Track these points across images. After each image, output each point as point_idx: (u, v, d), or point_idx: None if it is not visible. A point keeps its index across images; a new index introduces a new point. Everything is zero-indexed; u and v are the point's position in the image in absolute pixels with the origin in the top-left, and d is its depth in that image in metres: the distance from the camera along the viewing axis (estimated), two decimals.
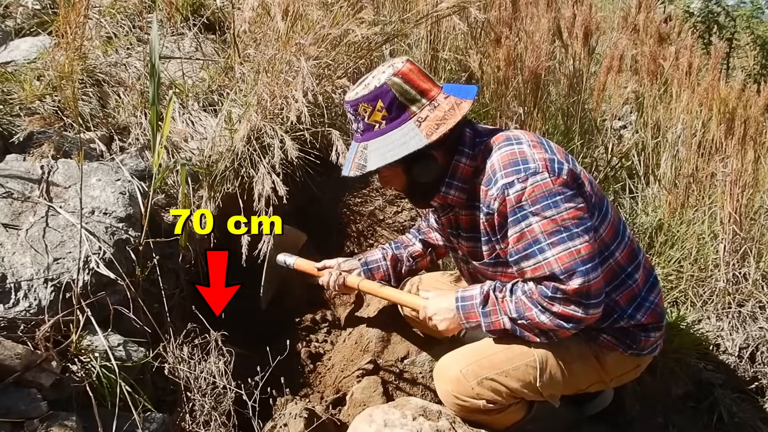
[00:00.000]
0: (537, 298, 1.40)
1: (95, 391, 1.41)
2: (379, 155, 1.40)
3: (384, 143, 1.40)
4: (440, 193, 1.51)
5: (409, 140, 1.38)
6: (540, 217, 1.35)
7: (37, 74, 2.05)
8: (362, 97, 1.40)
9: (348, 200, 2.40)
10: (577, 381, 1.56)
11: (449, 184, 1.49)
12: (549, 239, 1.35)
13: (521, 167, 1.37)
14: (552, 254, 1.35)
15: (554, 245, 1.35)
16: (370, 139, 1.42)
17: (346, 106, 1.46)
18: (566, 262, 1.35)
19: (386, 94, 1.38)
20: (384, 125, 1.41)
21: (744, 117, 2.61)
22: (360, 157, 1.44)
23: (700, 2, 6.23)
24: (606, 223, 1.50)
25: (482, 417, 1.57)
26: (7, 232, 1.54)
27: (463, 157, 1.47)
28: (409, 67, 1.41)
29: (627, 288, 1.53)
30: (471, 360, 1.53)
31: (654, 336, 1.56)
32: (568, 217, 1.35)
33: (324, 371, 2.02)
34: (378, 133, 1.41)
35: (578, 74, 2.77)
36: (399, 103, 1.39)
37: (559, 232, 1.35)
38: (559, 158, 1.41)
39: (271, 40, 2.08)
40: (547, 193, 1.35)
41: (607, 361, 1.56)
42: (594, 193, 1.47)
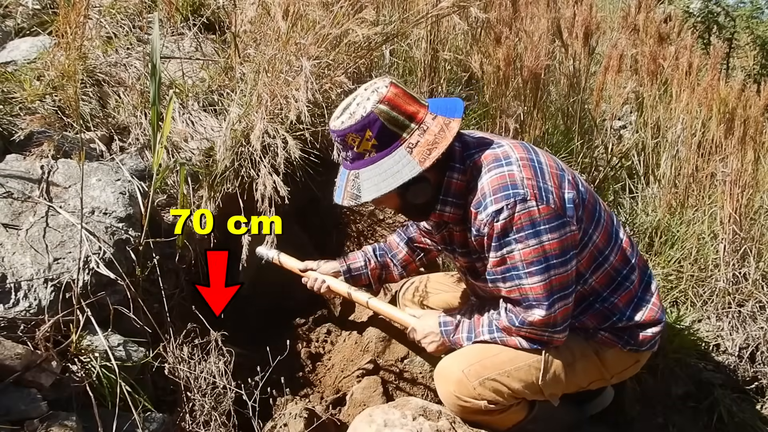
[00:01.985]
0: (505, 327, 1.50)
1: (95, 391, 1.41)
2: (372, 185, 1.38)
3: (376, 172, 1.38)
4: (435, 211, 1.49)
5: (402, 168, 1.36)
6: (523, 245, 1.37)
7: (37, 74, 2.04)
8: (349, 127, 1.36)
9: None
10: (578, 379, 1.57)
11: (444, 201, 1.47)
12: (527, 268, 1.38)
13: (510, 192, 1.36)
14: (528, 283, 1.39)
15: (531, 275, 1.38)
16: (361, 168, 1.40)
17: (332, 135, 1.43)
18: (539, 292, 1.39)
19: (374, 123, 1.35)
20: (374, 153, 1.38)
21: (744, 117, 2.61)
22: (352, 186, 1.42)
23: (699, 2, 6.23)
24: (599, 229, 1.50)
25: (483, 418, 1.57)
26: (7, 232, 1.54)
27: (455, 173, 1.45)
28: (394, 91, 1.37)
29: (625, 290, 1.54)
30: (473, 360, 1.53)
31: (652, 332, 1.56)
32: (549, 247, 1.37)
33: (324, 371, 2.02)
34: (369, 161, 1.39)
35: (578, 74, 2.77)
36: (388, 131, 1.36)
37: (539, 262, 1.37)
38: (548, 184, 1.39)
39: (272, 40, 2.08)
40: (533, 222, 1.35)
41: (607, 358, 1.56)
42: (584, 202, 1.47)
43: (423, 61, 2.45)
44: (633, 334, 1.55)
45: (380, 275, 1.89)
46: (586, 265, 1.50)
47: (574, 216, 1.42)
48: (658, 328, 1.57)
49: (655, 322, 1.56)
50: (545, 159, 1.46)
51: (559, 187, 1.42)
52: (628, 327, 1.54)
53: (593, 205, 1.51)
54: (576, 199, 1.44)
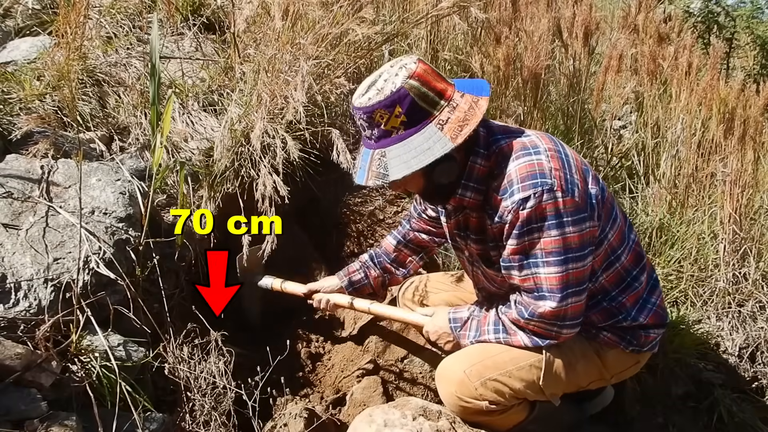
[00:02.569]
0: (514, 319, 1.48)
1: (95, 391, 1.41)
2: (401, 163, 1.33)
3: (405, 150, 1.33)
4: (456, 195, 1.47)
5: (433, 145, 1.32)
6: (545, 235, 1.35)
7: (37, 74, 2.04)
8: (377, 103, 1.32)
9: (348, 200, 2.40)
10: (579, 379, 1.57)
11: (465, 186, 1.45)
12: (546, 258, 1.37)
13: (538, 181, 1.34)
14: (544, 272, 1.38)
15: (549, 265, 1.37)
16: (388, 146, 1.35)
17: (357, 113, 1.37)
18: (554, 284, 1.38)
19: (404, 99, 1.31)
20: (402, 131, 1.34)
21: (744, 117, 2.61)
22: (378, 165, 1.36)
23: (699, 2, 6.23)
24: (615, 228, 1.50)
25: (484, 418, 1.56)
26: (7, 232, 1.54)
27: (478, 158, 1.43)
28: (423, 67, 1.34)
29: (633, 290, 1.54)
30: (474, 361, 1.53)
31: (654, 333, 1.57)
32: (570, 240, 1.35)
33: (324, 371, 2.02)
34: (397, 139, 1.34)
35: (578, 74, 2.77)
36: (418, 108, 1.32)
37: (558, 253, 1.36)
38: (574, 177, 1.39)
39: (271, 40, 2.08)
40: (557, 213, 1.34)
41: (607, 358, 1.57)
42: (604, 200, 1.47)
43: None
44: (635, 335, 1.55)
45: (383, 281, 1.89)
46: (599, 263, 1.49)
47: (595, 212, 1.42)
48: (661, 330, 1.58)
49: (659, 325, 1.57)
50: (571, 153, 1.46)
51: (584, 181, 1.42)
52: (632, 327, 1.54)
53: (611, 203, 1.51)
54: (598, 195, 1.44)
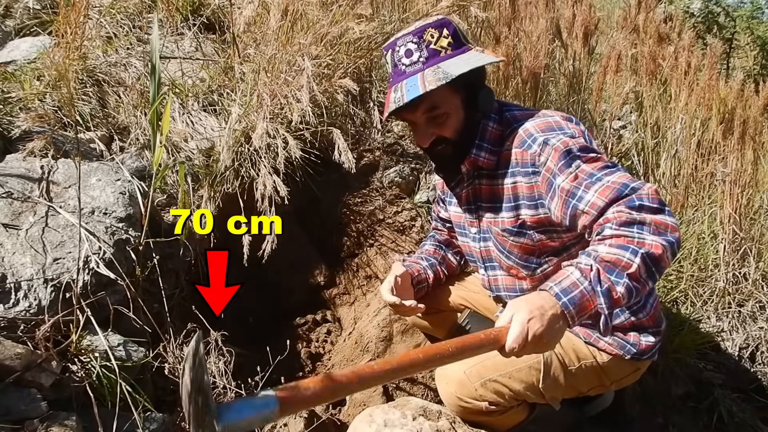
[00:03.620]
0: (627, 216, 1.16)
1: (95, 391, 1.41)
2: (462, 63, 1.39)
3: (460, 60, 1.40)
4: (471, 155, 1.50)
5: (483, 57, 1.42)
6: (587, 160, 1.32)
7: (37, 74, 2.04)
8: (427, 24, 1.42)
9: (348, 200, 2.40)
10: (578, 384, 1.56)
11: (479, 146, 1.49)
12: (602, 171, 1.28)
13: (558, 131, 1.39)
14: (611, 178, 1.26)
15: (609, 174, 1.27)
16: (440, 62, 1.41)
17: (402, 39, 1.44)
18: (626, 180, 1.24)
19: (449, 25, 1.43)
20: (450, 51, 1.42)
21: (743, 117, 2.61)
22: (434, 74, 1.37)
23: (699, 2, 6.23)
24: None
25: (484, 418, 1.56)
26: (7, 232, 1.54)
27: (490, 122, 1.49)
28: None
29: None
30: (475, 361, 1.53)
31: (653, 340, 1.55)
32: (609, 162, 1.34)
33: (324, 371, 2.02)
34: (447, 57, 1.41)
35: (578, 74, 2.77)
36: (461, 36, 1.44)
37: (608, 167, 1.30)
38: (586, 134, 1.43)
39: (271, 40, 2.08)
40: (587, 147, 1.35)
41: (607, 365, 1.56)
42: None
43: None
44: (635, 343, 1.54)
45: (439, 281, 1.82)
46: None
47: None
48: (659, 337, 1.56)
49: (656, 330, 1.55)
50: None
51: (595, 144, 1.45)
52: (630, 329, 1.54)
53: None
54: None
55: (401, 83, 1.42)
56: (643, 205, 1.17)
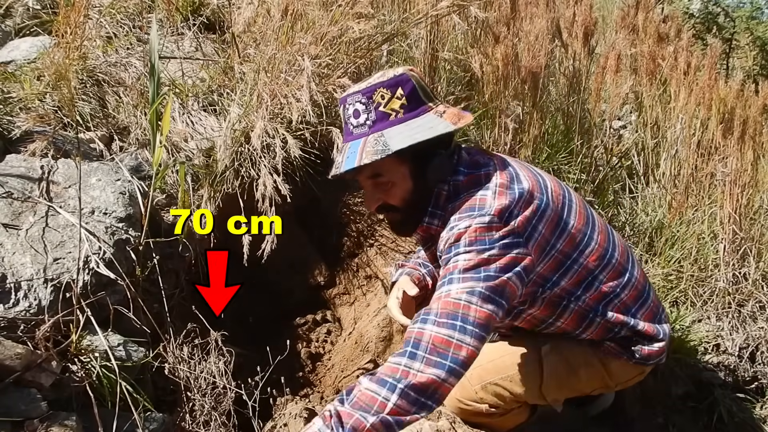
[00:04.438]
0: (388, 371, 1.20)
1: (95, 391, 1.41)
2: (405, 136, 1.29)
3: (405, 129, 1.31)
4: (423, 223, 1.41)
5: (435, 125, 1.31)
6: (470, 254, 1.26)
7: (37, 74, 2.04)
8: (380, 83, 1.31)
9: (348, 200, 2.40)
10: (581, 386, 1.55)
11: (432, 213, 1.40)
12: (463, 274, 1.26)
13: (475, 212, 1.30)
14: (455, 288, 1.25)
15: (465, 281, 1.25)
16: (386, 128, 1.31)
17: (352, 98, 1.34)
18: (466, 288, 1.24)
19: (406, 83, 1.32)
20: (402, 114, 1.32)
21: (743, 117, 2.61)
22: (376, 143, 1.30)
23: (699, 3, 6.24)
24: (590, 249, 1.43)
25: (485, 420, 1.56)
26: (7, 232, 1.54)
27: (445, 185, 1.39)
28: (418, 71, 1.38)
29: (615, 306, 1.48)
30: (475, 364, 1.53)
31: (658, 347, 1.51)
32: (493, 260, 1.26)
33: (324, 371, 2.02)
34: (396, 121, 1.32)
35: (578, 74, 2.77)
36: (418, 95, 1.33)
37: (477, 271, 1.25)
38: (516, 210, 1.31)
39: (271, 40, 2.08)
40: (487, 238, 1.27)
41: (612, 368, 1.53)
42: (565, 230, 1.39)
43: (423, 61, 2.45)
44: (639, 350, 1.51)
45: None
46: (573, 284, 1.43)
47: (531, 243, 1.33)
48: (664, 343, 1.52)
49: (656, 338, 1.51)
50: (529, 187, 1.36)
51: (537, 216, 1.34)
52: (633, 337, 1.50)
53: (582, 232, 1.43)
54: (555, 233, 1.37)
55: (346, 145, 1.37)
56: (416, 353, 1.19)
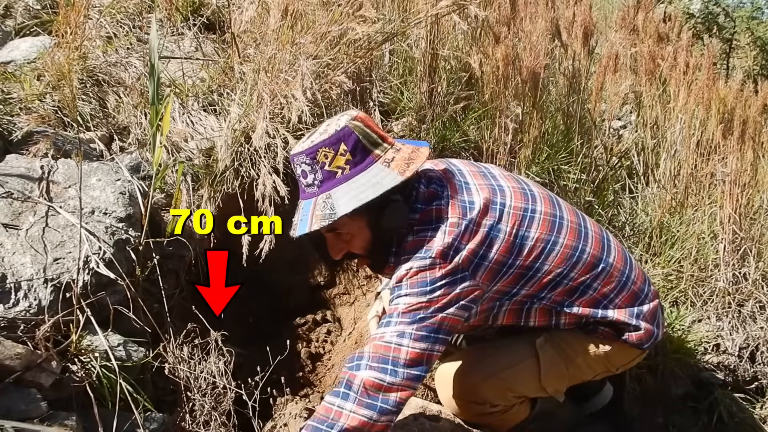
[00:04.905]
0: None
1: (95, 391, 1.41)
2: (350, 198, 1.29)
3: (352, 187, 1.30)
4: (390, 263, 1.41)
5: (381, 179, 1.29)
6: (409, 298, 1.29)
7: (37, 74, 2.04)
8: (321, 142, 1.30)
9: None
10: (582, 373, 1.56)
11: (397, 252, 1.39)
12: (399, 318, 1.29)
13: (420, 254, 1.31)
14: (389, 330, 1.29)
15: (399, 324, 1.29)
16: (333, 188, 1.31)
17: (298, 159, 1.34)
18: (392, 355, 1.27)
19: (349, 137, 1.31)
20: (348, 170, 1.31)
21: (743, 117, 2.62)
22: (324, 207, 1.31)
23: (699, 3, 6.24)
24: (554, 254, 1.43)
25: (485, 419, 1.57)
26: (7, 232, 1.54)
27: (404, 225, 1.38)
28: (364, 115, 1.36)
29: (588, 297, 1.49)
30: (473, 363, 1.53)
31: (644, 328, 1.50)
32: (433, 302, 1.29)
33: (324, 371, 2.02)
34: (342, 179, 1.31)
35: (578, 74, 2.77)
36: (363, 146, 1.32)
37: (414, 315, 1.28)
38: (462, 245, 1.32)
39: (271, 40, 2.08)
40: (429, 279, 1.29)
41: (609, 352, 1.54)
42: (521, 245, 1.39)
43: (423, 61, 2.45)
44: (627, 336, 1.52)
45: None
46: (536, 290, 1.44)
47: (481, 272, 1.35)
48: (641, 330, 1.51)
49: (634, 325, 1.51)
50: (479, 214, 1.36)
51: (484, 245, 1.35)
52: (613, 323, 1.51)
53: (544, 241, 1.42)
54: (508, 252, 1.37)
55: (300, 203, 1.39)
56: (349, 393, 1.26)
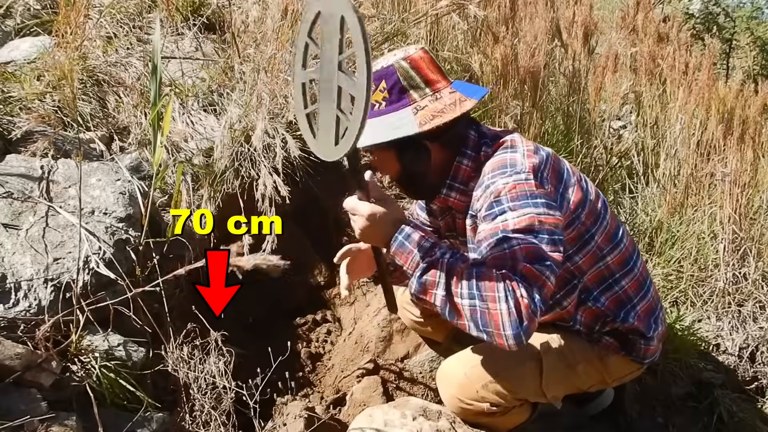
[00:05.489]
0: (496, 259, 1.21)
1: (95, 391, 1.41)
2: (370, 134, 1.33)
3: (378, 124, 1.37)
4: (441, 195, 1.48)
5: (401, 126, 1.35)
6: (517, 213, 1.25)
7: (37, 74, 2.04)
8: None
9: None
10: (580, 382, 1.56)
11: (450, 186, 1.46)
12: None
13: (507, 169, 1.33)
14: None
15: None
16: (368, 118, 1.39)
17: None
18: (531, 252, 1.20)
19: (390, 76, 1.37)
20: (383, 107, 1.38)
21: (743, 117, 2.62)
22: None
23: (699, 3, 6.24)
24: (602, 230, 1.49)
25: (485, 420, 1.56)
26: (7, 232, 1.54)
27: (465, 159, 1.44)
28: (421, 54, 1.39)
29: (614, 294, 1.52)
30: (475, 362, 1.53)
31: (653, 345, 1.55)
32: (544, 220, 1.28)
33: (324, 371, 2.02)
34: (376, 113, 1.39)
35: (578, 74, 2.77)
36: (401, 87, 1.37)
37: (531, 231, 1.25)
38: (546, 173, 1.37)
39: (271, 40, 2.08)
40: (529, 193, 1.30)
41: (609, 363, 1.56)
42: (586, 206, 1.44)
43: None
44: (634, 346, 1.54)
45: None
46: (587, 264, 1.48)
47: (563, 210, 1.37)
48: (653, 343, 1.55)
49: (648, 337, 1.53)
50: (556, 158, 1.44)
51: (561, 183, 1.41)
52: (629, 334, 1.53)
53: (598, 209, 1.49)
54: (577, 201, 1.42)
55: None
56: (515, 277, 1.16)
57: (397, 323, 1.95)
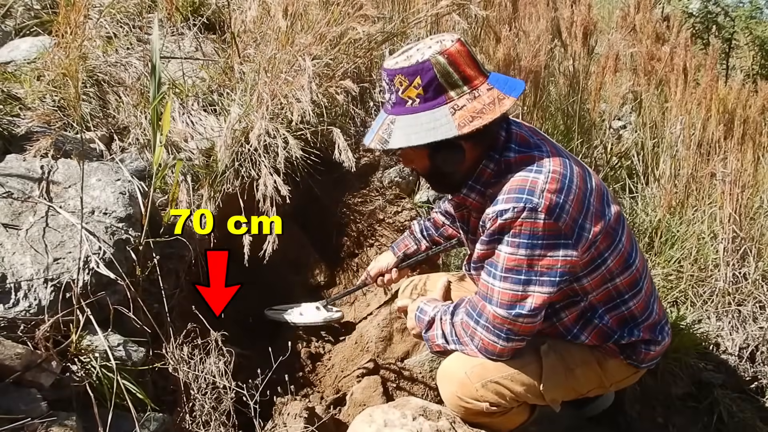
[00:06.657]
0: (464, 323, 1.49)
1: (95, 391, 1.41)
2: (403, 134, 1.32)
3: (412, 123, 1.32)
4: (461, 194, 1.46)
5: (438, 126, 1.30)
6: (512, 250, 1.32)
7: (37, 74, 2.04)
8: (401, 69, 1.30)
9: (348, 200, 2.40)
10: (579, 386, 1.56)
11: (472, 187, 1.44)
12: (504, 273, 1.34)
13: (524, 197, 1.30)
14: (499, 286, 1.36)
15: (504, 280, 1.35)
16: (400, 115, 1.34)
17: (382, 74, 1.36)
18: (506, 300, 1.36)
19: (427, 72, 1.29)
20: (417, 104, 1.32)
21: (743, 117, 2.62)
22: (385, 130, 1.35)
23: (698, 3, 6.23)
24: (616, 255, 1.45)
25: (485, 419, 1.56)
26: (7, 232, 1.54)
27: (491, 163, 1.40)
28: (458, 48, 1.31)
29: (619, 313, 1.50)
30: (476, 362, 1.53)
31: (654, 350, 1.54)
32: (536, 263, 1.31)
33: (324, 371, 2.02)
34: (409, 110, 1.33)
35: (577, 74, 2.77)
36: (438, 85, 1.30)
37: (518, 273, 1.33)
38: (567, 205, 1.32)
39: (271, 40, 2.08)
40: (532, 233, 1.30)
41: (608, 367, 1.55)
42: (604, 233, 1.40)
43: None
44: (636, 351, 1.53)
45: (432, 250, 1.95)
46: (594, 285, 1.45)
47: (581, 244, 1.35)
48: (658, 347, 1.55)
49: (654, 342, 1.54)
50: (582, 182, 1.39)
51: (582, 213, 1.36)
52: (632, 343, 1.53)
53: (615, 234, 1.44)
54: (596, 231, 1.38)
55: (379, 115, 1.45)
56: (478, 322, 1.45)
57: (397, 323, 1.95)
